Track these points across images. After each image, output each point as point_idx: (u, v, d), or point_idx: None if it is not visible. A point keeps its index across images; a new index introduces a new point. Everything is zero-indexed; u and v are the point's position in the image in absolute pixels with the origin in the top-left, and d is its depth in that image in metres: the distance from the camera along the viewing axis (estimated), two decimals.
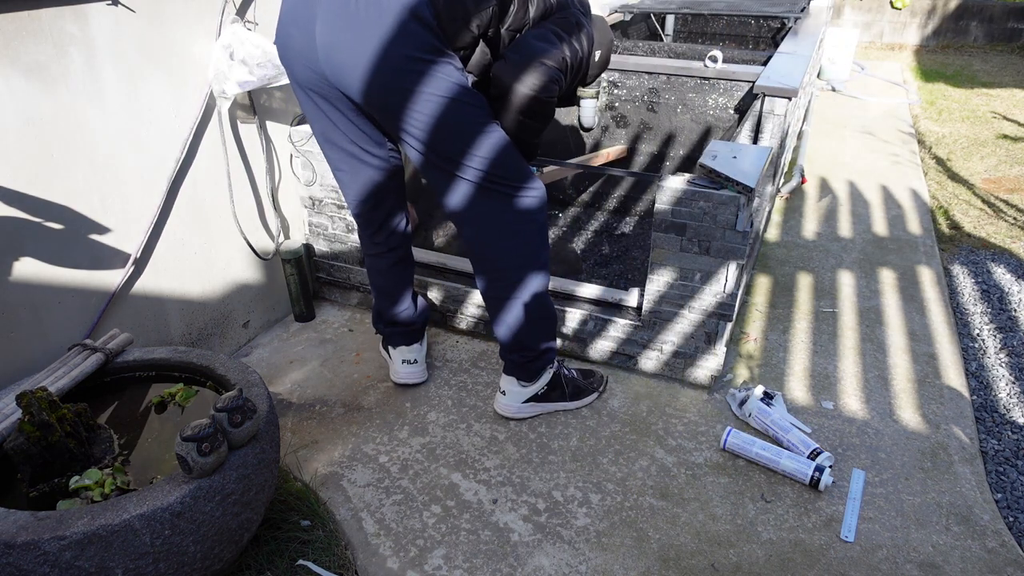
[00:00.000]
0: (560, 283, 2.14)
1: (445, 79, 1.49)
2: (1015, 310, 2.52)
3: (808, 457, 1.78)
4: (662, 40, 4.18)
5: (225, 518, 1.25)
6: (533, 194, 1.66)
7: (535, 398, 1.93)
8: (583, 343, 2.16)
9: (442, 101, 1.50)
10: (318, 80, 1.56)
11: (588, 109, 2.86)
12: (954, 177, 3.77)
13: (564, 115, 2.98)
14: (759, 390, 2.01)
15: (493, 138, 1.57)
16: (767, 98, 2.34)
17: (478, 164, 1.57)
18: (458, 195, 1.63)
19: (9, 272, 1.55)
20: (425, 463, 1.81)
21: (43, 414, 1.26)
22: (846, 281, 2.69)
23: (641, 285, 2.09)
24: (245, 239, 2.13)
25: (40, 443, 1.26)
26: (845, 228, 3.14)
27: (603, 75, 2.83)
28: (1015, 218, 3.26)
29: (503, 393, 1.93)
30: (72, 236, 1.67)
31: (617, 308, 2.13)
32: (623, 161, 2.95)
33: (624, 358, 2.14)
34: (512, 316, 1.79)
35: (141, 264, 1.86)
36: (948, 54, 6.86)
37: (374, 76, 1.47)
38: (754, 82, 2.42)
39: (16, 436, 1.27)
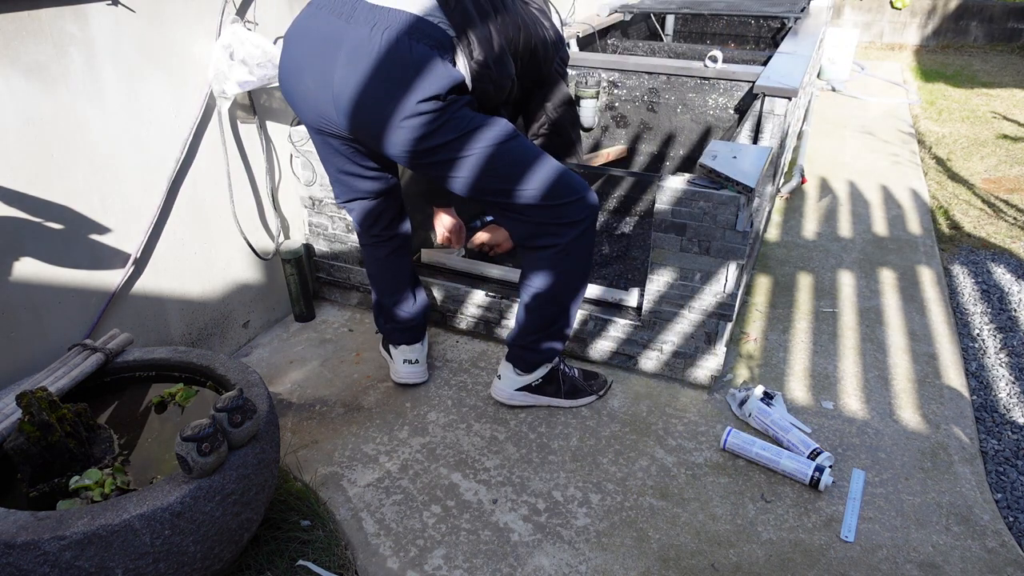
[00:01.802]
0: None
1: (470, 131, 1.53)
2: (1015, 310, 2.52)
3: (808, 457, 1.78)
4: (662, 40, 4.18)
5: (225, 518, 1.25)
6: (581, 205, 1.68)
7: (528, 388, 1.95)
8: (583, 343, 2.17)
9: (473, 154, 1.55)
10: (333, 126, 1.59)
11: (588, 109, 2.87)
12: (954, 177, 3.77)
13: None
14: (759, 390, 2.01)
15: (527, 160, 1.61)
16: (767, 98, 2.34)
17: (523, 187, 1.61)
18: (500, 211, 1.68)
19: (9, 272, 1.55)
20: (425, 463, 1.81)
21: (43, 414, 1.26)
22: (846, 281, 2.69)
23: (641, 285, 2.09)
24: (245, 239, 2.13)
25: (40, 443, 1.26)
26: (845, 228, 3.14)
27: (603, 75, 2.83)
28: (1015, 218, 3.26)
29: (499, 377, 1.97)
30: (72, 236, 1.67)
31: (617, 308, 2.13)
32: (623, 161, 2.95)
33: (624, 358, 2.14)
34: (525, 315, 1.83)
35: (141, 264, 1.86)
36: (948, 54, 6.86)
37: (398, 139, 1.52)
38: (754, 82, 2.42)
39: (16, 436, 1.27)
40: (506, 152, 1.57)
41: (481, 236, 2.36)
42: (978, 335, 2.39)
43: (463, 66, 1.51)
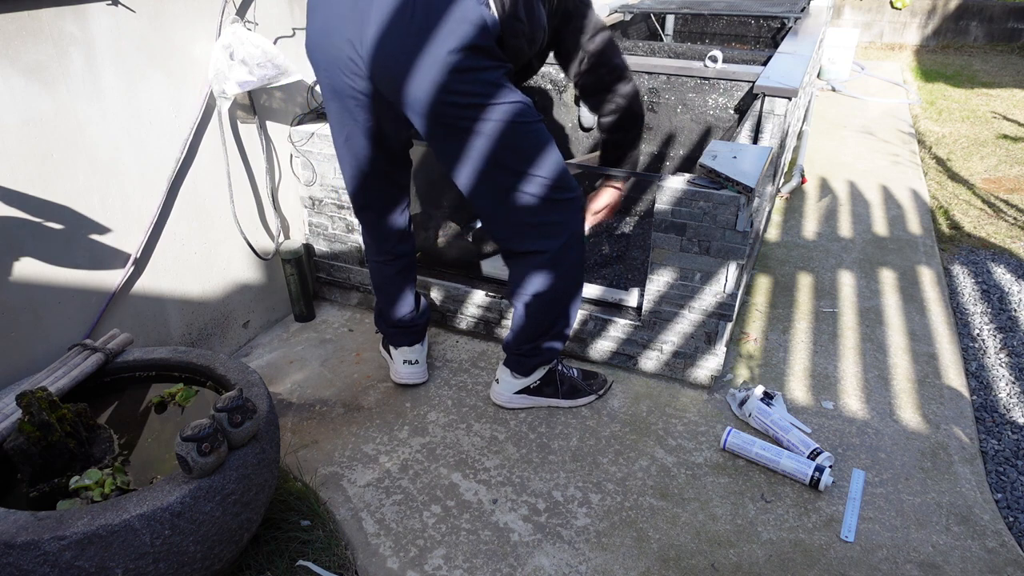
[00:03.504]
0: None
1: (500, 103, 1.51)
2: (1015, 310, 2.52)
3: (808, 457, 1.78)
4: (662, 40, 4.18)
5: (225, 518, 1.25)
6: (576, 205, 1.68)
7: (527, 390, 1.96)
8: (583, 343, 2.17)
9: (496, 124, 1.52)
10: (361, 88, 1.56)
11: (588, 109, 2.87)
12: (954, 177, 3.77)
13: (565, 115, 2.98)
14: (759, 390, 2.01)
15: (545, 147, 1.60)
16: (767, 98, 2.34)
17: (535, 172, 1.60)
18: (500, 201, 1.64)
19: (9, 272, 1.55)
20: (425, 463, 1.81)
21: (43, 414, 1.26)
22: (846, 281, 2.69)
23: (641, 285, 2.09)
24: (245, 239, 2.13)
25: (40, 443, 1.26)
26: (845, 228, 3.14)
27: None
28: (1015, 218, 3.26)
29: (497, 381, 1.98)
30: (72, 236, 1.67)
31: (617, 308, 2.13)
32: None
33: (624, 358, 2.14)
34: (523, 321, 1.82)
35: (141, 264, 1.86)
36: (948, 54, 6.86)
37: (428, 91, 1.48)
38: (754, 82, 2.42)
39: (16, 436, 1.27)
40: (528, 132, 1.56)
41: (603, 202, 2.09)
42: (978, 335, 2.39)
43: (496, 9, 1.48)
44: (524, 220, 1.65)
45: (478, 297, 2.24)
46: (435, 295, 2.31)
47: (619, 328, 2.09)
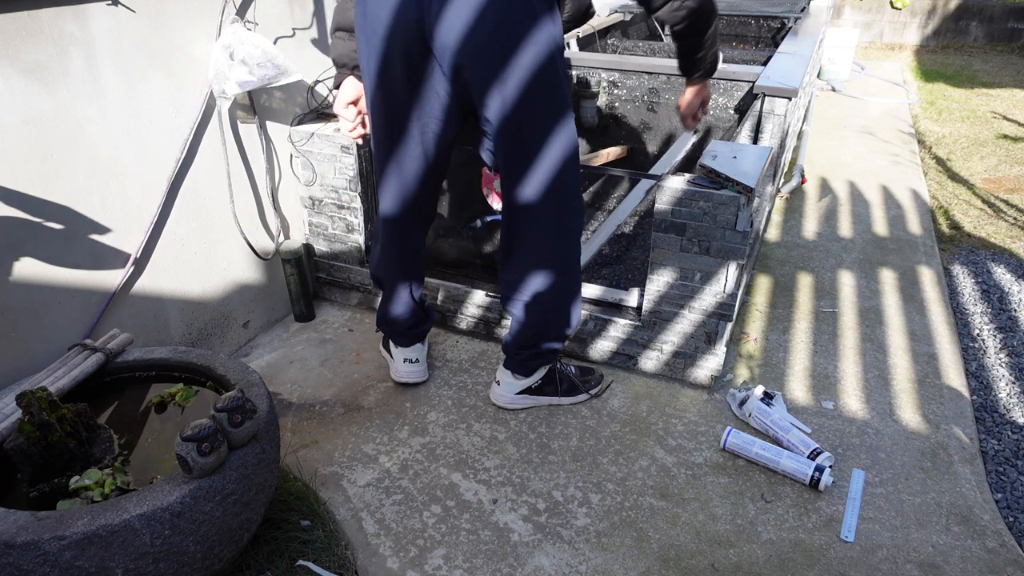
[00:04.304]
0: None
1: (556, 59, 1.53)
2: (1015, 310, 2.52)
3: (808, 457, 1.78)
4: (662, 40, 4.17)
5: (225, 518, 1.25)
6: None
7: (528, 391, 1.96)
8: (583, 343, 2.17)
9: (546, 81, 1.54)
10: (414, 50, 1.54)
11: (588, 109, 2.87)
12: (954, 177, 3.77)
13: None
14: (759, 390, 2.01)
15: (571, 135, 1.64)
16: (767, 98, 2.34)
17: (560, 141, 1.62)
18: (530, 188, 1.65)
19: (9, 272, 1.54)
20: (425, 463, 1.81)
21: (43, 414, 1.26)
22: (846, 281, 2.69)
23: (641, 285, 2.08)
24: (245, 239, 2.13)
25: (40, 443, 1.26)
26: (845, 228, 3.14)
27: (603, 75, 2.83)
28: (1015, 218, 3.26)
29: (498, 383, 1.97)
30: (72, 236, 1.67)
31: (617, 308, 2.13)
32: (623, 161, 2.95)
33: (624, 358, 2.14)
34: (522, 323, 1.83)
35: (141, 264, 1.86)
36: (948, 54, 6.86)
37: (485, 43, 1.48)
38: (754, 82, 2.42)
39: (16, 436, 1.27)
40: (562, 87, 1.60)
41: (691, 98, 2.05)
42: (978, 335, 2.39)
43: None
44: (537, 199, 1.66)
45: (478, 297, 2.24)
46: (435, 295, 2.31)
47: (619, 328, 2.09)
